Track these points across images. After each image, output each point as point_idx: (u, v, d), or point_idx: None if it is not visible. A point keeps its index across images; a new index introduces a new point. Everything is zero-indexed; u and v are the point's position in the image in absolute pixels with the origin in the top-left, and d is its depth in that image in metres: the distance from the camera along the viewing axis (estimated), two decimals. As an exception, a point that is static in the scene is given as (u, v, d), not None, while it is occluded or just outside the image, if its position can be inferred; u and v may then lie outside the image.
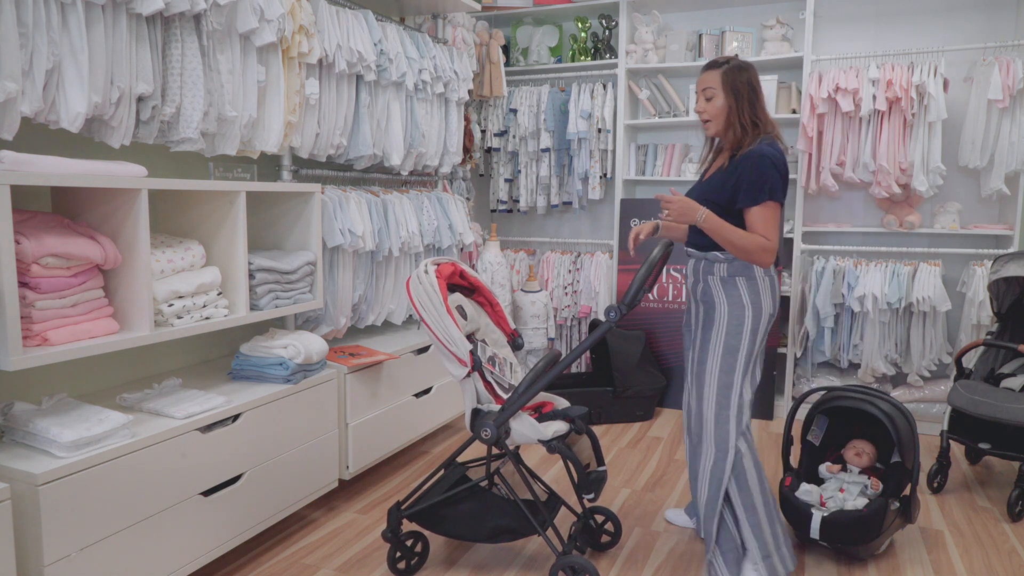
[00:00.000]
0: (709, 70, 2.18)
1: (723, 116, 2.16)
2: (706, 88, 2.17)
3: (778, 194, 2.07)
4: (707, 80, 2.17)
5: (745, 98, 2.14)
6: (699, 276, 2.21)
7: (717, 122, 2.18)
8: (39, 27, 1.69)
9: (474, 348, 2.03)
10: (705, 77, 2.19)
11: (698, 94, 2.22)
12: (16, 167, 1.63)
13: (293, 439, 2.38)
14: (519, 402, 2.03)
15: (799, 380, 3.87)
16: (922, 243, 3.73)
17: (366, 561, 2.31)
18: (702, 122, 2.22)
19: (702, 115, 2.20)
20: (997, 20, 3.54)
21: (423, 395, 3.12)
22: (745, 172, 2.06)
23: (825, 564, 2.32)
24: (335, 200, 2.73)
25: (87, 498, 1.69)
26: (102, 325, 1.85)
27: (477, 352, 2.05)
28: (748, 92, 2.15)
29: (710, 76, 2.17)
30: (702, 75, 2.20)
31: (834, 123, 3.54)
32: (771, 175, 2.05)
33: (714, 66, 2.17)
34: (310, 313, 2.83)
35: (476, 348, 2.09)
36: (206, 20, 2.09)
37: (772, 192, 2.05)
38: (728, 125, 2.17)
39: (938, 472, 2.89)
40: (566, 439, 2.12)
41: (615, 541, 2.40)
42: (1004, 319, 3.05)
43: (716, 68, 2.17)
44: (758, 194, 2.04)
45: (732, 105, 2.14)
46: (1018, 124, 3.29)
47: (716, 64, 2.17)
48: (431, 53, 3.22)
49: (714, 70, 2.17)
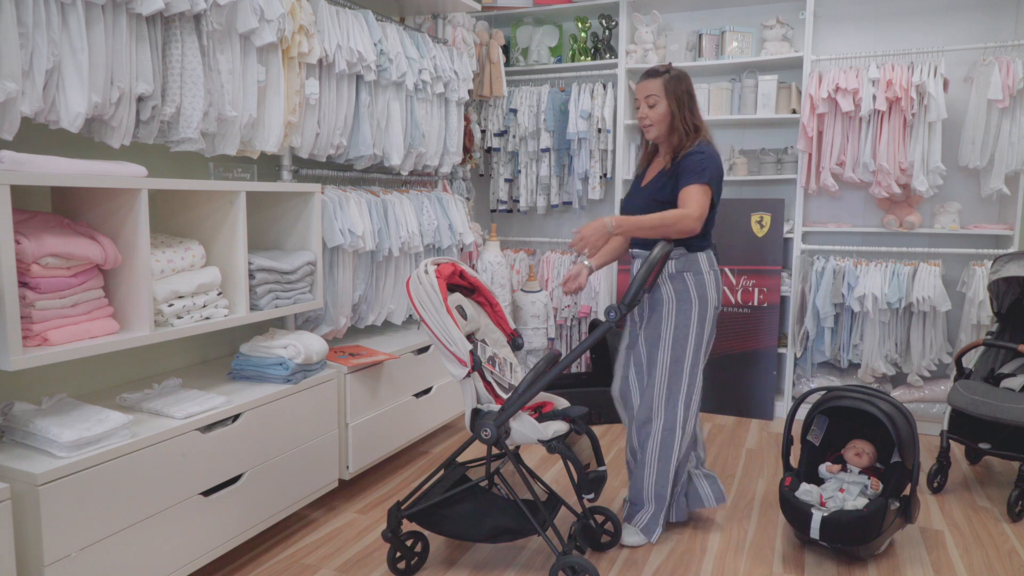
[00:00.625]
0: (650, 78, 2.33)
1: (665, 121, 2.33)
2: (649, 95, 2.31)
3: (715, 183, 2.27)
4: (649, 88, 2.32)
5: (685, 105, 2.32)
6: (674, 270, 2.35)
7: (659, 127, 2.34)
8: (39, 27, 1.69)
9: (474, 348, 2.03)
10: (647, 85, 2.32)
11: (640, 101, 2.34)
12: (16, 167, 1.63)
13: (293, 439, 2.38)
14: (519, 402, 2.03)
15: (799, 380, 3.87)
16: (922, 243, 3.73)
17: (366, 561, 2.31)
18: (643, 127, 2.37)
19: (644, 120, 2.34)
20: (997, 20, 3.54)
21: (423, 395, 3.12)
22: (691, 163, 2.26)
23: (825, 564, 2.33)
24: (335, 200, 2.73)
25: (87, 498, 1.69)
26: (102, 325, 1.85)
27: (477, 352, 2.05)
28: (687, 99, 2.33)
29: (652, 84, 2.31)
30: (643, 83, 2.34)
31: (834, 123, 3.54)
32: (712, 167, 2.26)
33: (655, 74, 2.32)
34: (310, 313, 2.83)
35: (476, 348, 2.09)
36: (206, 20, 2.09)
37: (710, 180, 2.25)
38: (670, 130, 2.34)
39: (938, 472, 2.89)
40: (566, 439, 2.13)
41: (615, 541, 2.40)
42: (1004, 319, 3.05)
43: (657, 76, 2.31)
44: (699, 176, 2.24)
45: (675, 111, 2.31)
46: (1018, 124, 3.29)
47: (656, 73, 2.33)
48: (431, 53, 3.22)
49: (655, 78, 2.31)
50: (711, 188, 2.25)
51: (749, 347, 3.85)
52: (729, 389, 3.91)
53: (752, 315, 3.84)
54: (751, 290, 3.84)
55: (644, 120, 2.34)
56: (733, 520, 2.64)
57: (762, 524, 2.61)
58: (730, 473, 3.09)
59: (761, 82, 3.78)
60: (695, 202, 2.21)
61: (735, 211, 3.86)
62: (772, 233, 3.79)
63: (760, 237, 3.82)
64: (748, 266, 3.84)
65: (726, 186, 4.15)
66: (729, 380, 3.90)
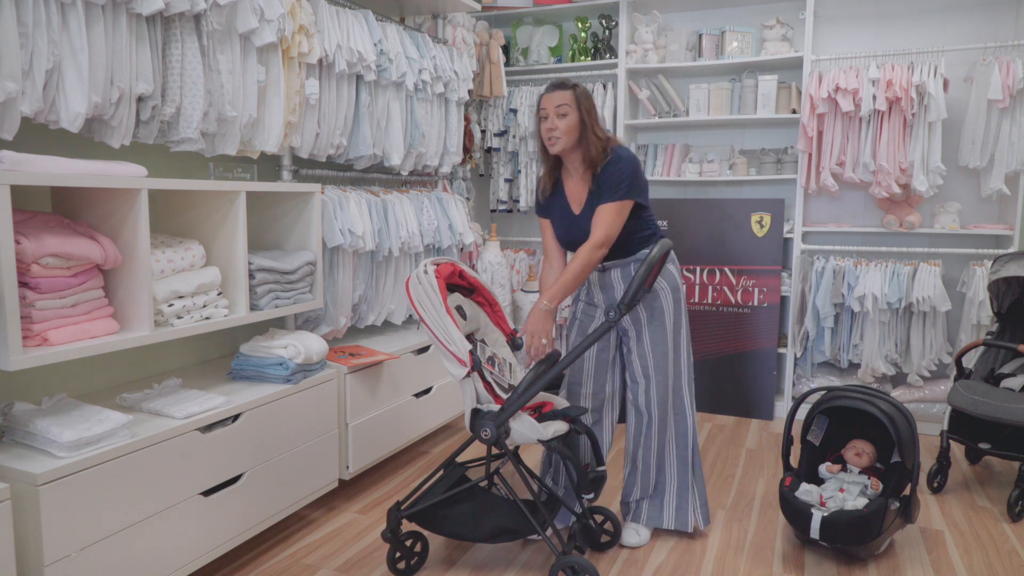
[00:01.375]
0: (559, 90, 2.24)
1: (574, 133, 2.24)
2: (560, 105, 2.22)
3: (635, 192, 2.24)
4: (560, 98, 2.23)
5: (594, 115, 2.27)
6: (632, 274, 2.34)
7: (568, 138, 2.24)
8: (39, 27, 1.69)
9: (473, 348, 2.03)
10: (557, 95, 2.23)
11: (548, 113, 2.23)
12: (16, 167, 1.63)
13: (293, 439, 2.38)
14: (519, 402, 2.03)
15: (799, 380, 3.87)
16: (922, 243, 3.73)
17: (366, 561, 2.31)
18: (549, 140, 2.26)
19: (553, 132, 2.23)
20: (997, 20, 3.54)
21: (423, 395, 3.12)
22: (609, 176, 2.22)
23: (825, 564, 2.33)
24: (335, 200, 2.73)
25: (87, 498, 1.69)
26: (102, 325, 1.85)
27: (476, 352, 2.05)
28: (594, 111, 2.28)
29: (563, 94, 2.23)
30: (551, 94, 2.24)
31: (834, 123, 3.54)
32: (629, 174, 2.22)
33: (563, 87, 2.24)
34: (310, 313, 2.83)
35: (476, 348, 2.09)
36: (206, 20, 2.09)
37: (629, 191, 2.23)
38: (578, 143, 2.26)
39: (938, 472, 2.89)
40: (566, 439, 2.13)
41: (614, 541, 2.40)
42: (1004, 319, 3.05)
43: (566, 88, 2.24)
44: (614, 192, 2.22)
45: (586, 122, 2.23)
46: (1018, 124, 3.29)
47: (565, 84, 2.25)
48: (431, 53, 3.22)
49: (565, 90, 2.24)
50: (630, 200, 2.23)
51: (749, 347, 3.85)
52: (729, 389, 3.91)
53: (752, 315, 3.84)
54: (751, 290, 3.84)
55: (552, 132, 2.22)
56: (733, 520, 2.64)
57: (762, 524, 2.61)
58: (730, 473, 3.09)
59: (761, 82, 3.78)
60: (603, 226, 2.20)
61: (735, 211, 3.86)
62: (772, 233, 3.79)
63: (760, 237, 3.82)
64: (748, 266, 3.84)
65: (726, 186, 4.16)
66: (729, 380, 3.90)
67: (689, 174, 4.01)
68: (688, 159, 4.06)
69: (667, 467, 2.43)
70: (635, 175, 2.24)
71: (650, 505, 2.45)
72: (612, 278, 2.37)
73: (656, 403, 2.38)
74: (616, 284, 2.37)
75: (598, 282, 2.41)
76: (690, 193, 4.26)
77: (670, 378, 2.37)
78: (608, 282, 2.39)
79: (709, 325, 3.93)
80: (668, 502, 2.44)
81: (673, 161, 4.09)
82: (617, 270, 2.36)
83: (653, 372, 2.37)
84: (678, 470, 2.42)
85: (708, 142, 4.17)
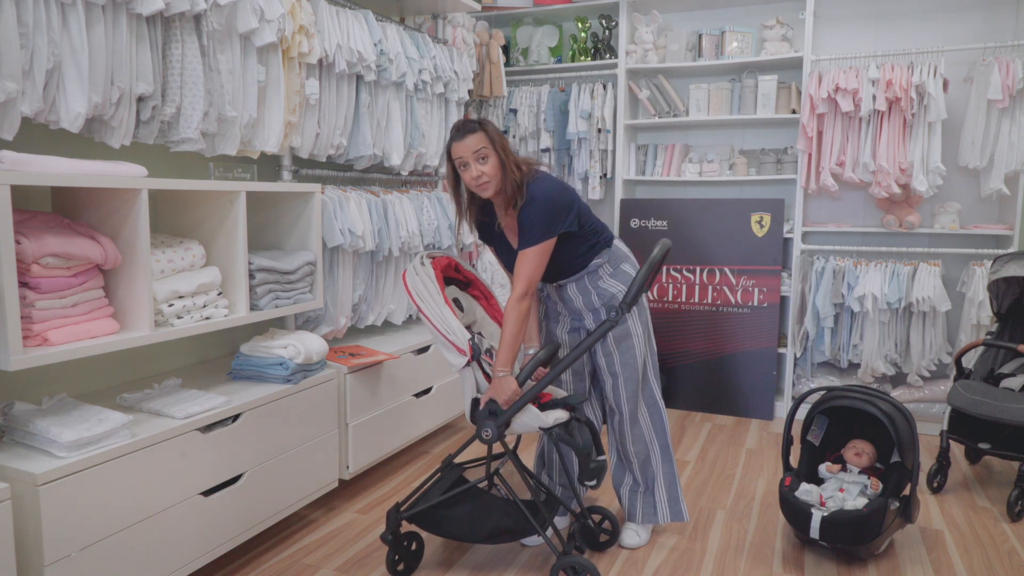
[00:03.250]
0: (471, 134, 2.07)
1: (499, 172, 2.10)
2: (478, 149, 2.06)
3: (554, 230, 2.12)
4: (476, 142, 2.07)
5: (508, 149, 2.13)
6: (587, 287, 2.30)
7: (495, 181, 2.10)
8: (39, 27, 1.69)
9: (472, 337, 2.03)
10: (471, 141, 2.07)
11: (467, 160, 2.08)
12: (16, 167, 1.63)
13: (293, 439, 2.38)
14: (519, 403, 2.03)
15: (799, 380, 3.87)
16: (922, 243, 3.73)
17: (366, 561, 2.31)
18: (478, 188, 2.11)
19: (480, 179, 2.08)
20: (997, 20, 3.54)
21: (423, 395, 3.12)
22: (525, 220, 2.11)
23: (825, 564, 2.33)
24: (335, 200, 2.73)
25: (87, 498, 1.69)
26: (102, 325, 1.85)
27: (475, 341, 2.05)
28: (507, 144, 2.14)
29: (477, 139, 2.07)
30: (465, 141, 2.07)
31: (834, 123, 3.54)
32: (546, 216, 2.10)
33: (473, 129, 2.09)
34: (310, 313, 2.83)
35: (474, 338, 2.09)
36: (206, 20, 2.09)
37: (546, 232, 2.11)
38: (503, 181, 2.11)
39: (938, 472, 2.89)
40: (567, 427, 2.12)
41: (613, 540, 2.40)
42: (1004, 319, 3.05)
43: (477, 130, 2.09)
44: (530, 236, 2.10)
45: (504, 159, 2.10)
46: (1018, 124, 3.29)
47: (473, 127, 2.09)
48: (431, 53, 3.22)
49: (475, 133, 2.08)
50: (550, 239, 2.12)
51: (749, 347, 3.85)
52: (729, 389, 3.91)
53: (752, 315, 3.84)
54: (751, 290, 3.84)
55: (480, 179, 2.08)
56: (733, 520, 2.64)
57: (762, 524, 2.61)
58: (730, 473, 3.09)
59: (761, 82, 3.78)
60: (523, 277, 2.10)
61: (735, 211, 3.86)
62: (772, 233, 3.80)
63: (760, 237, 3.82)
64: (748, 266, 3.84)
65: (727, 186, 4.16)
66: (729, 380, 3.90)
67: (689, 174, 4.01)
68: (688, 159, 4.07)
69: (653, 461, 2.42)
70: (552, 212, 2.11)
71: (643, 502, 2.45)
72: (568, 292, 2.35)
73: (625, 399, 2.38)
74: (574, 297, 2.33)
75: (557, 296, 2.39)
76: (690, 193, 4.27)
77: (639, 372, 2.37)
78: (566, 296, 2.35)
79: (709, 325, 3.93)
80: (660, 497, 2.44)
81: (673, 161, 4.09)
82: (572, 284, 2.32)
83: (620, 368, 2.35)
84: (662, 460, 2.42)
85: (708, 142, 4.17)
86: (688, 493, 2.87)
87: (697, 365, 3.96)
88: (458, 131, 2.10)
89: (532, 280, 2.11)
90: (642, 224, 4.08)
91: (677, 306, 4.00)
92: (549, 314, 2.47)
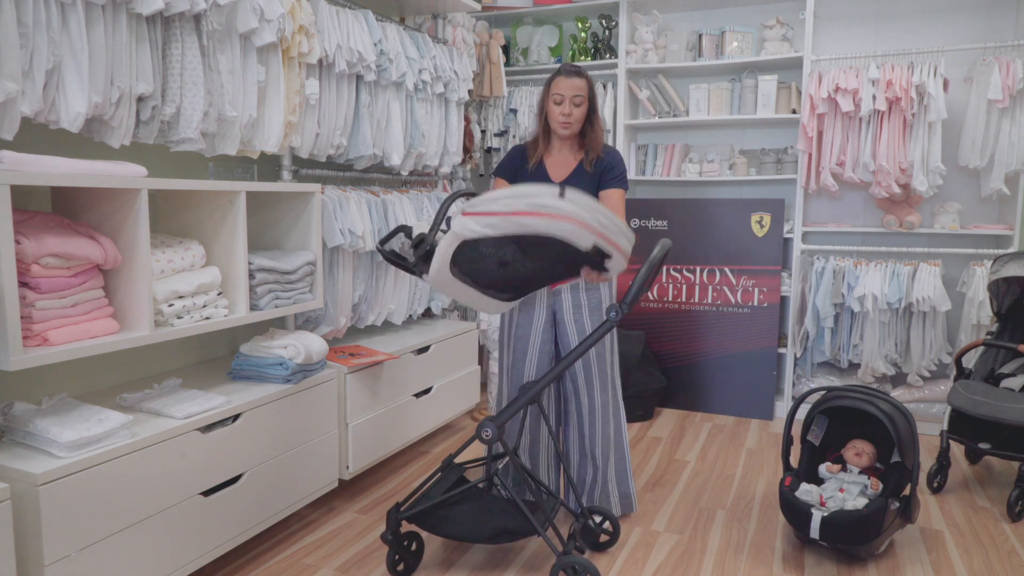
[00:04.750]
0: (577, 78, 2.31)
1: (583, 121, 2.37)
2: (577, 95, 2.31)
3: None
4: (578, 87, 2.31)
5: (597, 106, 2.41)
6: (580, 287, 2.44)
7: (578, 125, 2.37)
8: (39, 27, 1.69)
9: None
10: (576, 83, 2.31)
11: (564, 99, 2.31)
12: (16, 167, 1.63)
13: (293, 439, 2.38)
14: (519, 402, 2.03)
15: (799, 380, 3.87)
16: (922, 243, 3.73)
17: (366, 561, 2.31)
18: (562, 124, 2.34)
19: (568, 118, 2.32)
20: (997, 20, 3.54)
21: (423, 395, 3.12)
22: (617, 164, 2.41)
23: (825, 564, 2.33)
24: (335, 200, 2.73)
25: (87, 498, 1.69)
26: (102, 325, 1.85)
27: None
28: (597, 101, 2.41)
29: (580, 84, 2.31)
30: (571, 80, 2.30)
31: (834, 123, 3.54)
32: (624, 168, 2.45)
33: (579, 74, 2.32)
34: (310, 313, 2.83)
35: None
36: (206, 20, 2.09)
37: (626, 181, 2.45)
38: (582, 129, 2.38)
39: (938, 472, 2.89)
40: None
41: (614, 540, 2.40)
42: (1004, 319, 3.05)
43: (582, 77, 2.32)
44: (623, 180, 2.42)
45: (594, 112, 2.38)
46: (1018, 124, 3.29)
47: (581, 73, 2.33)
48: (431, 53, 3.22)
49: (581, 79, 2.32)
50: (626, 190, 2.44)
51: (749, 347, 3.85)
52: (729, 389, 3.91)
53: (752, 315, 3.84)
54: (751, 290, 3.84)
55: (569, 117, 2.32)
56: (733, 520, 2.64)
57: (762, 524, 2.61)
58: (730, 473, 3.09)
59: (761, 82, 3.78)
60: (621, 211, 2.37)
61: (735, 211, 3.86)
62: (772, 233, 3.80)
63: (760, 237, 3.82)
64: (748, 266, 3.84)
65: (727, 186, 4.16)
66: (729, 380, 3.90)
67: (689, 174, 4.01)
68: (688, 159, 4.07)
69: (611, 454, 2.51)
70: None
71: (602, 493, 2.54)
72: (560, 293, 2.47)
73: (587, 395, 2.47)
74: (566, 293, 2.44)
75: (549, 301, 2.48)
76: (690, 193, 4.26)
77: (607, 376, 2.47)
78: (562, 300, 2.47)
79: (709, 325, 3.93)
80: (612, 491, 2.54)
81: (673, 161, 4.09)
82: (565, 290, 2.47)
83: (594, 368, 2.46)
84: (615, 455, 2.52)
85: (708, 142, 4.17)
86: (688, 493, 2.87)
87: (697, 365, 3.96)
88: (567, 71, 2.32)
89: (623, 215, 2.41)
90: (642, 224, 4.08)
91: (677, 306, 4.00)
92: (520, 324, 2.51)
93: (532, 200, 1.72)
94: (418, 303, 3.34)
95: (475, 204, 1.78)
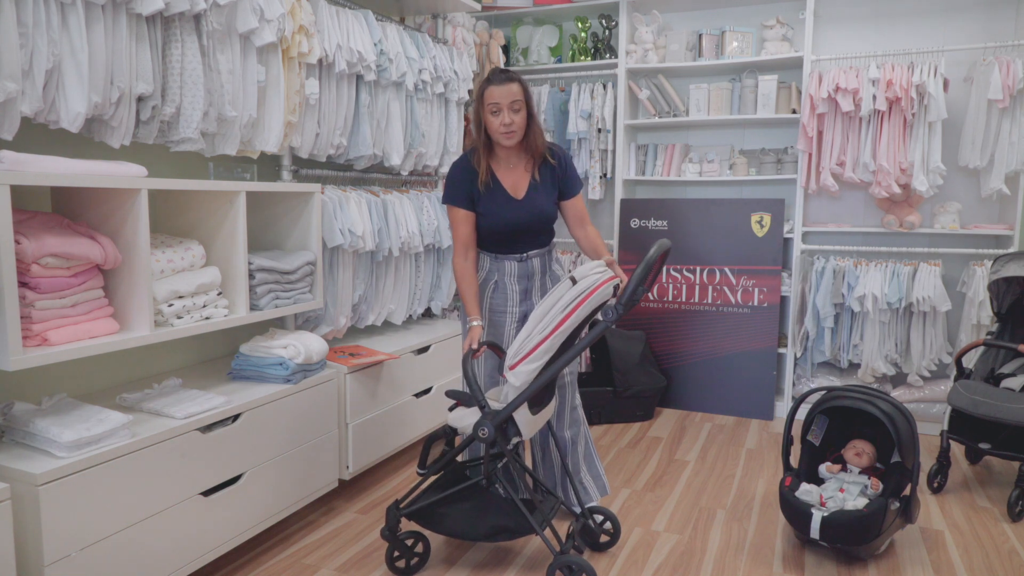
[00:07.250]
0: (510, 83, 2.20)
1: (524, 127, 2.26)
2: (514, 101, 2.21)
3: None
4: (514, 93, 2.20)
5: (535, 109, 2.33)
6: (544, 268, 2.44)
7: (521, 132, 2.26)
8: (39, 27, 1.69)
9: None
10: (510, 89, 2.20)
11: (502, 107, 2.20)
12: (16, 167, 1.63)
13: (293, 439, 2.38)
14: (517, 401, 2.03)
15: (799, 380, 3.87)
16: (922, 243, 3.72)
17: (366, 561, 2.31)
18: (504, 135, 2.23)
19: (510, 127, 2.22)
20: (997, 20, 3.54)
21: (423, 395, 3.12)
22: (572, 168, 2.42)
23: (825, 564, 2.33)
24: (335, 200, 2.73)
25: (87, 498, 1.69)
26: (102, 325, 1.85)
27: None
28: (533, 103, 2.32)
29: (515, 89, 2.20)
30: (504, 87, 2.20)
31: (834, 123, 3.54)
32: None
33: (512, 79, 2.21)
34: (310, 313, 2.83)
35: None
36: (206, 20, 2.09)
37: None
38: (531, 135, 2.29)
39: (938, 472, 2.89)
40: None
41: (614, 541, 2.39)
42: (1004, 319, 3.05)
43: (514, 81, 2.21)
44: (579, 184, 2.45)
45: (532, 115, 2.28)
46: (1018, 124, 3.29)
47: (512, 78, 2.22)
48: (431, 53, 3.22)
49: (515, 83, 2.21)
50: None
51: (749, 347, 3.85)
52: (729, 389, 3.90)
53: (752, 315, 3.84)
54: (751, 290, 3.84)
55: (510, 127, 2.21)
56: (733, 520, 2.64)
57: (762, 524, 2.61)
58: (730, 473, 3.09)
59: (761, 82, 3.78)
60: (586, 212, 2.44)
61: (735, 211, 3.86)
62: (772, 233, 3.79)
63: (760, 237, 3.82)
64: (748, 266, 3.84)
65: (727, 186, 4.16)
66: (729, 380, 3.90)
67: (689, 174, 4.01)
68: (688, 159, 4.07)
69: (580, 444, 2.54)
70: None
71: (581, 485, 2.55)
72: (532, 267, 2.41)
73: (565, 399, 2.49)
74: (535, 273, 2.42)
75: (515, 272, 2.38)
76: (690, 193, 4.26)
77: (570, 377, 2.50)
78: (527, 271, 2.40)
79: (709, 325, 3.93)
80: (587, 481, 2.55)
81: (673, 161, 4.09)
82: (537, 258, 2.42)
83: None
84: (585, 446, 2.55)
85: (708, 142, 4.17)
86: (688, 493, 2.87)
87: (697, 365, 3.96)
88: (499, 78, 2.20)
89: None
90: (642, 224, 4.08)
91: (677, 306, 4.00)
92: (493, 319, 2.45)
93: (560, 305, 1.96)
94: (418, 303, 3.34)
95: (514, 354, 2.01)
